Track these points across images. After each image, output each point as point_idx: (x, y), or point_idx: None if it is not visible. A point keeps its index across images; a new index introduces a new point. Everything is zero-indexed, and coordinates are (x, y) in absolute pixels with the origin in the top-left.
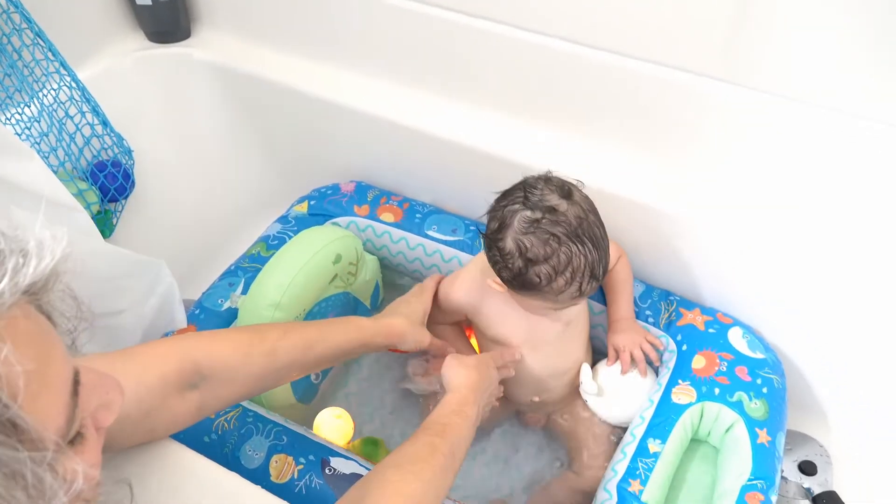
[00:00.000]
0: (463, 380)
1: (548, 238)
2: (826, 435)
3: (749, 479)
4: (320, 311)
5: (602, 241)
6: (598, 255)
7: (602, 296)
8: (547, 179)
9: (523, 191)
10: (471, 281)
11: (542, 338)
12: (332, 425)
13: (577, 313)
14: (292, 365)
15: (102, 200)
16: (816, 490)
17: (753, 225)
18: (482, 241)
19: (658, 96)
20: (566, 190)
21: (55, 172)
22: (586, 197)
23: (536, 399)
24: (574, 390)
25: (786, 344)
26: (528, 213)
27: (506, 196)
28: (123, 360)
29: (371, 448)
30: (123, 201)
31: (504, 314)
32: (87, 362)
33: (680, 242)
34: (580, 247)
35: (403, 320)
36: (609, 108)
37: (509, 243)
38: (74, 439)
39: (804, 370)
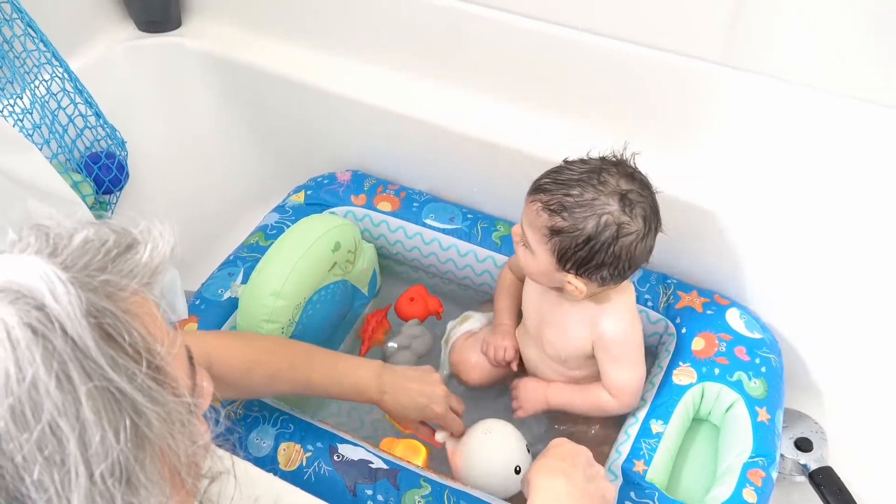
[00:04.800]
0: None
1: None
2: (820, 412)
3: (750, 457)
4: (320, 299)
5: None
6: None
7: None
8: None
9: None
10: None
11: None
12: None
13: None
14: (284, 394)
15: (97, 192)
16: (812, 466)
17: (750, 208)
18: None
19: (659, 82)
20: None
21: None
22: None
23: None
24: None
25: (780, 324)
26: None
27: None
28: None
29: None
30: (118, 193)
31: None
32: None
33: (677, 226)
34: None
35: (396, 407)
36: (608, 94)
37: None
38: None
39: (798, 349)
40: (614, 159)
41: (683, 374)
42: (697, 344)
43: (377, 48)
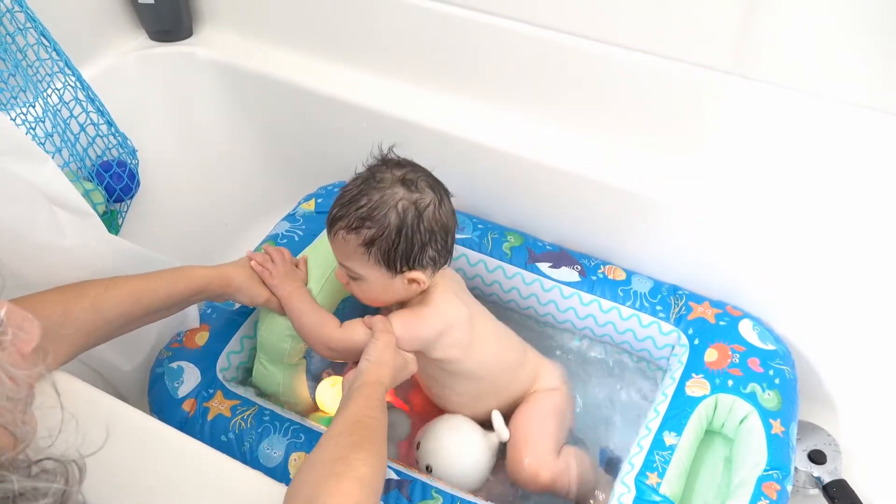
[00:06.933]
0: (387, 378)
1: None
2: (834, 424)
3: (765, 470)
4: (338, 314)
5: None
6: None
7: None
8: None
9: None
10: None
11: None
12: (332, 394)
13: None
14: (123, 317)
15: (108, 201)
16: (826, 478)
17: (762, 217)
18: None
19: (671, 91)
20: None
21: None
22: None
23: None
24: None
25: (792, 335)
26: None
27: None
28: None
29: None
30: (129, 201)
31: None
32: None
33: (688, 235)
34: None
35: (242, 272)
36: (620, 103)
37: None
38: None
39: (811, 360)
40: (378, 160)
41: (696, 386)
42: (710, 355)
43: (387, 57)
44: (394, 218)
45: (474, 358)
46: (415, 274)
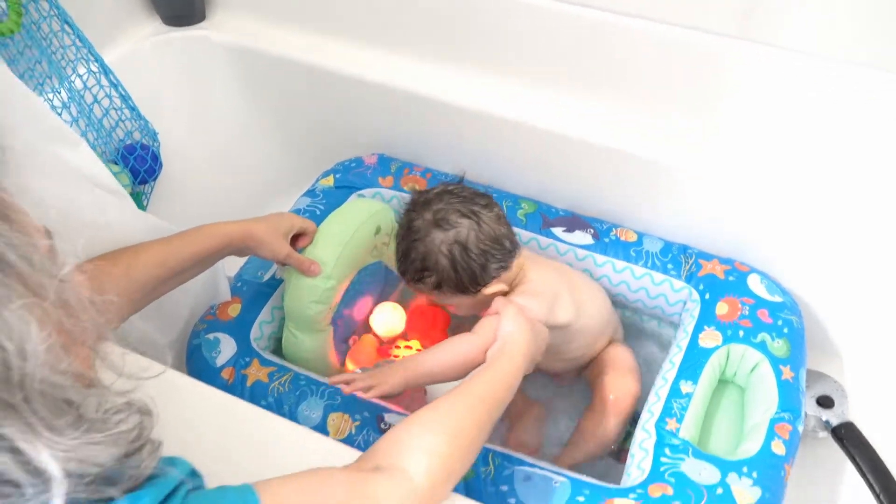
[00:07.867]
0: (526, 347)
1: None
2: (840, 371)
3: (777, 412)
4: (360, 279)
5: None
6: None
7: None
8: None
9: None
10: None
11: None
12: (385, 318)
13: None
14: (154, 280)
15: (133, 183)
16: (835, 421)
17: (766, 177)
18: None
19: (679, 57)
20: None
21: None
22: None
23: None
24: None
25: (799, 288)
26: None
27: None
28: None
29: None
30: (153, 183)
31: None
32: None
33: (695, 197)
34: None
35: (264, 227)
36: (624, 67)
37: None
38: None
39: (816, 312)
40: (411, 204)
41: (709, 338)
42: (721, 308)
43: (399, 33)
44: (444, 261)
45: (586, 315)
46: (491, 288)
